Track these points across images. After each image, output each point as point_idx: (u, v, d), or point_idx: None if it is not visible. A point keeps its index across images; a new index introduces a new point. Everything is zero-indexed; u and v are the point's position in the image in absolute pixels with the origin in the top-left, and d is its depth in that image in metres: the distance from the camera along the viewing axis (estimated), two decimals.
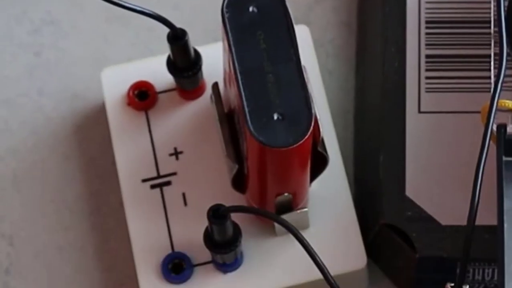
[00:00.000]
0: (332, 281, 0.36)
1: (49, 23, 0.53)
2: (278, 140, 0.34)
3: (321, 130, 0.38)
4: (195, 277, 0.42)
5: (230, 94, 0.40)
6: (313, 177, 0.40)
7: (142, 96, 0.44)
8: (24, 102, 0.50)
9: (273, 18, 0.36)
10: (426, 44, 0.46)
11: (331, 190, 0.44)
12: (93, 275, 0.47)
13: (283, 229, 0.39)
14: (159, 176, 0.43)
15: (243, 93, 0.35)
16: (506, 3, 0.39)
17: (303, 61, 0.37)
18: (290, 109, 0.35)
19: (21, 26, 0.54)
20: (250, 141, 0.35)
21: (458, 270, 0.37)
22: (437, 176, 0.43)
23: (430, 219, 0.42)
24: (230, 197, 0.41)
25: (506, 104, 0.38)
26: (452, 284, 0.35)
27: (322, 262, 0.36)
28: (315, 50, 0.48)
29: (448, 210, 0.42)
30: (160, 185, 0.43)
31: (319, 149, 0.38)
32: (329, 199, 0.44)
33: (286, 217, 0.39)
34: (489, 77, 0.44)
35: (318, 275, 0.37)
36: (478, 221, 0.35)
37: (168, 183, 0.43)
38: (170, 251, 0.42)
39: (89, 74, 0.50)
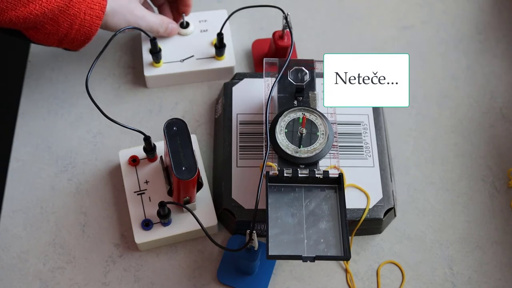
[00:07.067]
0: (204, 229, 0.65)
1: None
2: (184, 177, 0.62)
3: (200, 172, 0.67)
4: (154, 228, 0.70)
5: (166, 160, 0.69)
6: (197, 190, 0.68)
7: (134, 160, 0.73)
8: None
9: (183, 132, 0.64)
10: (239, 141, 0.73)
11: (203, 195, 0.72)
12: (115, 228, 0.73)
13: (186, 209, 0.67)
14: (140, 190, 0.72)
15: (171, 159, 0.63)
16: (269, 126, 0.66)
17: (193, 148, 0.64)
18: (188, 165, 0.62)
19: None
20: (174, 177, 0.63)
21: (251, 225, 0.62)
22: (243, 190, 0.70)
23: (240, 206, 0.70)
24: (167, 198, 0.69)
25: (273, 165, 0.65)
26: (249, 231, 0.62)
27: (200, 222, 0.65)
28: (198, 142, 0.75)
29: (247, 203, 0.70)
30: (140, 193, 0.72)
31: (199, 180, 0.68)
32: (202, 198, 0.72)
33: (187, 206, 0.67)
34: (262, 154, 0.68)
35: (197, 227, 0.66)
36: (259, 206, 0.60)
37: (143, 193, 0.72)
38: (144, 217, 0.70)
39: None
